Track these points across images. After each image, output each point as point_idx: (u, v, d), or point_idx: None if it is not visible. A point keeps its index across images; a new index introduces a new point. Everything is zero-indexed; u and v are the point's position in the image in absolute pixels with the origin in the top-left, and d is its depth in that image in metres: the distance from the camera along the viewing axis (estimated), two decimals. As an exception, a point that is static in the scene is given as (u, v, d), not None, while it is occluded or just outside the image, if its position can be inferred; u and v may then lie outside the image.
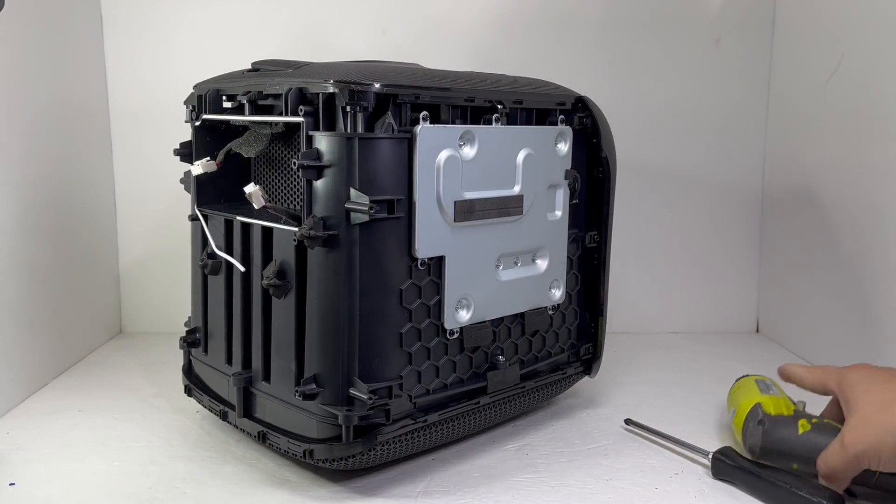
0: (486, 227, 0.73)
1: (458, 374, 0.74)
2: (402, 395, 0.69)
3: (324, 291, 0.65)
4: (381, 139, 0.65)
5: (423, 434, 0.71)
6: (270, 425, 0.72)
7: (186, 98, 0.79)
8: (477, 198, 0.71)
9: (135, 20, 1.10)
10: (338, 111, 0.64)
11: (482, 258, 0.73)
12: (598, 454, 0.77)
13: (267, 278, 0.68)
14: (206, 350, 0.80)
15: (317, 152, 0.64)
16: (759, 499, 0.68)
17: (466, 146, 0.70)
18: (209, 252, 0.76)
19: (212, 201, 0.78)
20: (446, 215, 0.69)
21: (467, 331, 0.73)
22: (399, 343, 0.68)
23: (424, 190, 0.67)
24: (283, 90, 0.67)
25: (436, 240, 0.69)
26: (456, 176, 0.69)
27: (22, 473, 0.72)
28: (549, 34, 1.14)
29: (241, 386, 0.73)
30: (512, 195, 0.75)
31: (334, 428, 0.66)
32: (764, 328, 1.22)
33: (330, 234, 0.64)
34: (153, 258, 1.15)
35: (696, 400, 0.92)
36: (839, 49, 0.99)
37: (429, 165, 0.67)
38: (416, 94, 0.67)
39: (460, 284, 0.72)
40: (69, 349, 1.01)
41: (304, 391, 0.66)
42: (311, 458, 0.67)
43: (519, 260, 0.77)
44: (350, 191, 0.64)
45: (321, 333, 0.66)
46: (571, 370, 0.86)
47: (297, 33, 1.12)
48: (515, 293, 0.77)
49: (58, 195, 0.98)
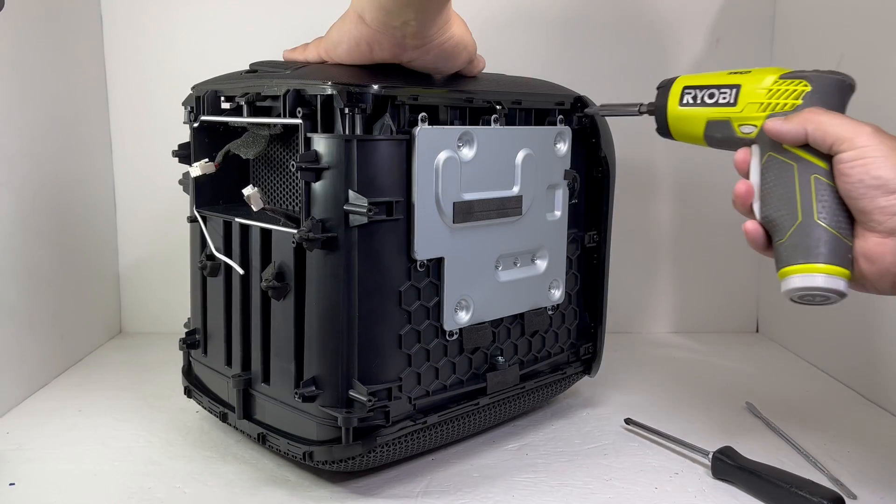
0: (485, 228, 0.73)
1: (458, 376, 0.74)
2: (401, 397, 0.69)
3: (323, 293, 0.65)
4: (379, 141, 0.65)
5: (422, 435, 0.71)
6: (270, 427, 0.72)
7: (184, 99, 0.79)
8: (476, 199, 0.71)
9: (135, 20, 1.10)
10: (336, 113, 0.64)
11: (481, 259, 0.73)
12: (598, 454, 0.77)
13: (266, 280, 0.68)
14: (205, 352, 0.80)
15: (315, 154, 0.64)
16: (759, 499, 0.68)
17: (465, 147, 0.70)
18: (208, 254, 0.76)
19: (210, 202, 0.78)
20: (445, 217, 0.69)
21: (467, 332, 0.73)
22: (398, 345, 0.68)
23: (423, 191, 0.67)
24: (281, 92, 0.66)
25: (435, 241, 0.69)
26: (455, 177, 0.69)
27: (22, 473, 0.72)
28: (547, 34, 1.14)
29: (240, 388, 0.73)
30: (511, 196, 0.75)
31: (334, 430, 0.66)
32: (764, 328, 1.22)
33: (329, 236, 0.64)
34: (153, 258, 1.15)
35: (696, 400, 0.92)
36: (839, 49, 0.99)
37: (427, 167, 0.67)
38: (414, 95, 0.67)
39: (459, 286, 0.72)
40: (69, 349, 1.01)
41: (304, 393, 0.66)
42: (311, 461, 0.67)
43: (518, 260, 0.77)
44: (349, 193, 0.64)
45: (320, 335, 0.66)
46: (571, 370, 0.86)
47: (297, 34, 1.11)
48: (515, 294, 0.77)
49: (58, 195, 0.98)
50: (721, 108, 0.66)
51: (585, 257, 0.86)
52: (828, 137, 0.57)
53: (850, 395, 0.95)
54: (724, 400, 0.92)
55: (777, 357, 1.10)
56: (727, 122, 0.66)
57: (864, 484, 0.71)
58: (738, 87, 0.65)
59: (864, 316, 0.94)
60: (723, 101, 0.66)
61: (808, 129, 0.59)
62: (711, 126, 0.67)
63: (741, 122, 0.65)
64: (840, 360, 1.00)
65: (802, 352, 1.09)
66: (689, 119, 0.68)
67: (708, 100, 0.67)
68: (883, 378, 0.90)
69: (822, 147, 0.58)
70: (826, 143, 0.58)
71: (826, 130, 0.57)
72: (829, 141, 0.57)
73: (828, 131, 0.57)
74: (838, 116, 0.59)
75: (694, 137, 0.69)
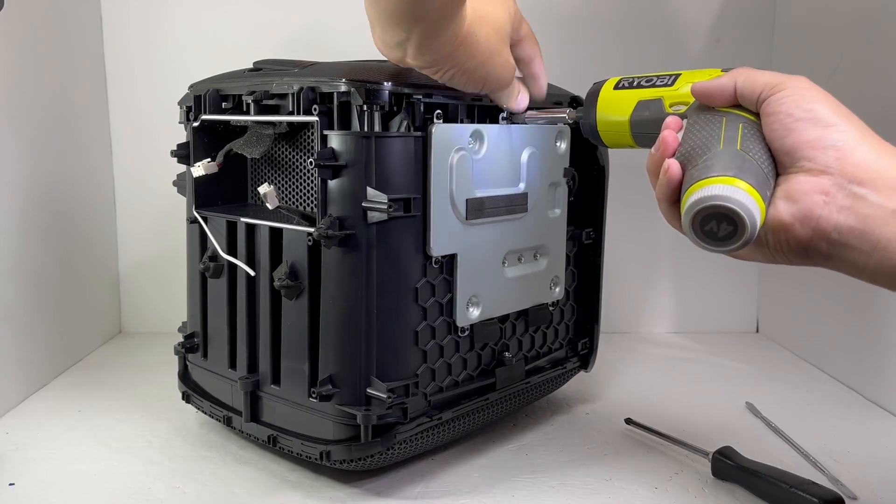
0: (493, 225, 0.73)
1: (469, 371, 0.74)
2: (417, 394, 0.69)
3: (340, 291, 0.65)
4: (396, 138, 0.65)
5: (436, 431, 0.72)
6: (281, 428, 0.71)
7: (181, 98, 0.78)
8: (487, 196, 0.72)
9: (135, 20, 1.10)
10: (353, 110, 0.64)
11: (490, 255, 0.74)
12: (598, 454, 0.77)
13: (279, 279, 0.67)
14: (205, 355, 0.79)
15: (332, 152, 0.64)
16: (760, 498, 0.68)
17: (476, 144, 0.71)
18: (210, 255, 0.76)
19: (209, 203, 0.77)
20: (459, 213, 0.69)
21: (477, 328, 0.74)
22: (415, 341, 0.68)
23: (439, 188, 0.67)
24: (292, 90, 0.66)
25: (449, 238, 0.69)
26: (467, 174, 0.70)
27: (22, 473, 0.72)
28: (545, 34, 1.14)
29: (248, 390, 0.73)
30: (518, 193, 0.75)
31: (350, 428, 0.66)
32: (764, 328, 1.22)
33: (347, 234, 0.64)
34: (153, 258, 1.15)
35: (696, 400, 0.92)
36: (839, 49, 0.99)
37: (443, 164, 0.68)
38: (428, 92, 0.67)
39: (471, 282, 0.72)
40: (69, 349, 1.01)
41: (321, 392, 0.66)
42: (328, 460, 0.67)
43: (522, 257, 0.77)
44: (367, 190, 0.64)
45: (338, 333, 0.66)
46: (570, 365, 0.87)
47: (297, 33, 1.12)
48: (520, 290, 0.77)
49: (58, 195, 0.98)
50: (656, 89, 0.63)
51: (582, 254, 0.86)
52: (757, 85, 0.52)
53: (850, 395, 0.95)
54: (724, 400, 0.92)
55: (777, 357, 1.10)
56: (658, 100, 0.62)
57: (863, 484, 0.71)
58: (678, 74, 0.63)
59: (865, 316, 0.94)
60: (660, 83, 0.63)
61: (737, 81, 0.53)
62: (641, 105, 0.63)
63: (674, 101, 0.61)
64: (840, 360, 1.00)
65: (802, 352, 1.09)
66: (619, 100, 0.64)
67: (644, 83, 0.64)
68: (883, 378, 0.90)
69: (751, 99, 0.53)
70: (755, 91, 0.52)
71: (756, 79, 0.52)
72: (758, 89, 0.52)
73: (757, 80, 0.52)
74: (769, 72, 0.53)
75: (619, 123, 0.64)
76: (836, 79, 1.00)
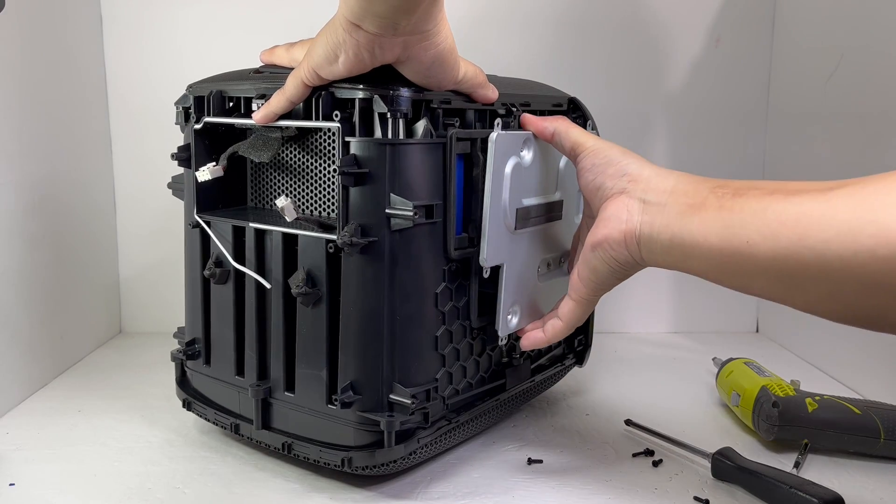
0: (532, 233, 0.74)
1: (481, 373, 0.75)
2: (437, 398, 0.69)
3: (362, 298, 0.65)
4: (419, 144, 0.64)
5: (452, 433, 0.72)
6: (296, 436, 0.70)
7: (178, 99, 0.76)
8: (532, 204, 0.72)
9: (135, 20, 1.10)
10: (374, 116, 0.63)
11: (529, 264, 0.74)
12: (598, 454, 0.78)
13: (297, 287, 0.67)
14: (207, 362, 0.77)
15: (354, 158, 0.64)
16: (760, 499, 0.68)
17: (524, 151, 0.71)
18: (216, 260, 0.74)
19: (211, 207, 0.76)
20: (509, 223, 0.70)
21: (490, 330, 0.74)
22: (434, 346, 0.69)
23: (494, 198, 0.68)
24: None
25: (498, 248, 0.70)
26: (519, 183, 0.70)
27: (22, 473, 0.72)
28: (542, 33, 1.14)
29: (259, 397, 0.71)
30: (555, 201, 0.76)
31: (370, 434, 0.66)
32: (764, 328, 1.22)
33: (370, 241, 0.64)
34: (153, 258, 1.15)
35: (696, 400, 0.92)
36: (839, 49, 0.99)
37: (499, 172, 0.68)
38: (447, 98, 0.67)
39: (513, 291, 0.72)
40: (69, 349, 1.01)
41: (343, 399, 0.65)
42: (350, 466, 0.66)
43: (551, 263, 0.78)
44: (391, 196, 0.63)
45: (359, 340, 0.65)
46: (568, 361, 0.88)
47: (298, 34, 1.11)
48: (547, 296, 0.78)
49: (57, 195, 0.98)
50: None
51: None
52: (567, 141, 0.69)
53: (850, 395, 0.94)
54: (724, 399, 0.92)
55: (777, 357, 1.10)
56: None
57: (863, 484, 0.71)
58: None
59: (864, 316, 0.94)
60: None
61: (556, 127, 0.70)
62: None
63: None
64: (840, 361, 1.00)
65: (802, 352, 1.09)
66: None
67: None
68: (883, 378, 0.90)
69: (563, 150, 0.70)
70: (565, 147, 0.69)
71: (569, 134, 0.69)
72: (568, 144, 0.69)
73: (570, 135, 0.69)
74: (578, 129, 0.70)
75: None
76: (836, 79, 1.00)
